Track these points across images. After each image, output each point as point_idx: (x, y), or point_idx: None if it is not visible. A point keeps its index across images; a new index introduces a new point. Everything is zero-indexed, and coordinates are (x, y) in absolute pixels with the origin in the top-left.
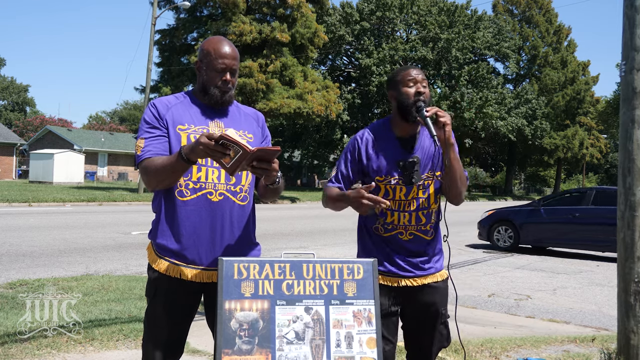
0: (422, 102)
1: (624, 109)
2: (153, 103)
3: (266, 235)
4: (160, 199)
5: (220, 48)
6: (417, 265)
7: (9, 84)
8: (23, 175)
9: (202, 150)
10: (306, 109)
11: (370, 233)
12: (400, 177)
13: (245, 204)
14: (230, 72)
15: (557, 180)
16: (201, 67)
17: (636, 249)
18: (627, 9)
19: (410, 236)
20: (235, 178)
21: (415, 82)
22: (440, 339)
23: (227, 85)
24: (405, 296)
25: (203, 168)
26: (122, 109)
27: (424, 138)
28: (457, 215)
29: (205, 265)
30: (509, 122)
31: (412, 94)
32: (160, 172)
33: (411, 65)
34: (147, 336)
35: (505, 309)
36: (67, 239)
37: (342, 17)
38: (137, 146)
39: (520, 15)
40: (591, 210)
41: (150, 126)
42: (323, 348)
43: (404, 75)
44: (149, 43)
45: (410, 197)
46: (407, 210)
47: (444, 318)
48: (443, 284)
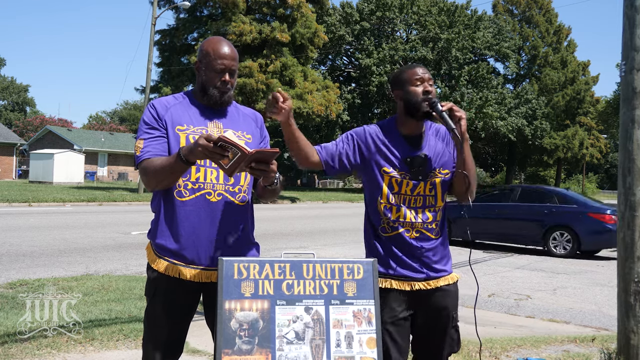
0: (435, 99)
1: (624, 109)
2: (152, 104)
3: (266, 235)
4: (159, 199)
5: (220, 49)
6: (429, 266)
7: (9, 84)
8: (23, 175)
9: (201, 152)
10: (306, 109)
11: (377, 234)
12: (408, 172)
13: (244, 205)
14: (229, 72)
15: (557, 180)
16: (200, 68)
17: (636, 249)
18: (627, 9)
19: (417, 234)
20: (233, 179)
21: (422, 81)
22: (451, 344)
23: (226, 85)
24: (418, 300)
25: (202, 169)
26: (122, 109)
27: (430, 137)
28: None
29: (204, 265)
30: (509, 122)
31: (419, 93)
32: (160, 173)
33: (416, 64)
34: (147, 336)
35: (505, 309)
36: (67, 239)
37: (342, 17)
38: (137, 147)
39: (520, 15)
40: (515, 207)
41: (150, 127)
42: (323, 348)
43: (410, 74)
44: (149, 43)
45: (416, 192)
46: (414, 207)
47: (454, 322)
48: (454, 287)
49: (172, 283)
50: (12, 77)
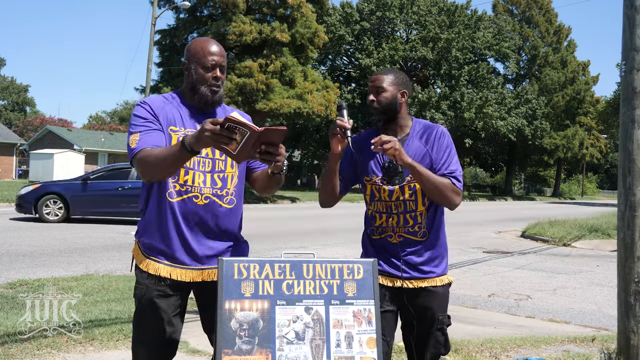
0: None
1: (624, 109)
2: (144, 101)
3: (266, 235)
4: (147, 199)
5: (208, 46)
6: (415, 267)
7: (9, 84)
8: (23, 175)
9: (209, 137)
10: (306, 109)
11: (369, 236)
12: (385, 177)
13: (232, 207)
14: (220, 68)
15: (557, 180)
16: (189, 67)
17: (636, 249)
18: (627, 9)
19: (399, 238)
20: (221, 182)
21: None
22: (436, 346)
23: (218, 81)
24: (401, 298)
25: (190, 171)
26: (122, 109)
27: (414, 140)
28: (469, 216)
29: (192, 265)
30: (509, 122)
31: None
32: (160, 163)
33: (378, 71)
34: (137, 337)
35: (505, 309)
36: (67, 239)
37: (342, 17)
38: (132, 140)
39: (520, 15)
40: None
41: (146, 120)
42: (323, 348)
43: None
44: (149, 43)
45: (394, 198)
46: (395, 212)
47: (440, 324)
48: (443, 289)
49: (160, 283)
50: (12, 77)
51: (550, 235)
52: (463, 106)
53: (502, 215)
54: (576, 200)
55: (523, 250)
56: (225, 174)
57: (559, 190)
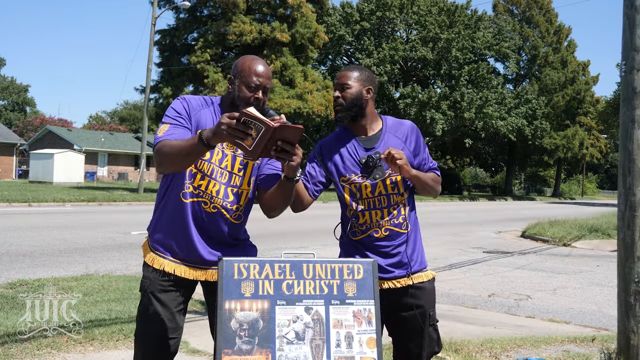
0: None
1: (624, 109)
2: (185, 97)
3: (266, 235)
4: (163, 195)
5: (255, 66)
6: (398, 264)
7: (9, 84)
8: (23, 175)
9: (225, 131)
10: (306, 109)
11: (349, 238)
12: (364, 173)
13: (238, 223)
14: (263, 90)
15: (557, 180)
16: (234, 82)
17: (636, 249)
18: (627, 9)
19: (386, 232)
20: (233, 196)
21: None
22: (431, 344)
23: (259, 103)
24: (389, 299)
25: (206, 178)
26: (122, 109)
27: (390, 137)
28: (469, 216)
29: (197, 263)
30: (509, 122)
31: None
32: (176, 153)
33: (344, 68)
34: (139, 331)
35: (505, 309)
36: (67, 239)
37: (342, 17)
38: (160, 129)
39: (521, 15)
40: None
41: (179, 115)
42: (323, 348)
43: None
44: (149, 43)
45: (376, 193)
46: (379, 207)
47: (432, 321)
48: (429, 284)
49: (164, 278)
50: (12, 77)
51: (551, 235)
52: (463, 106)
53: (502, 215)
54: (576, 200)
55: (523, 250)
56: (240, 190)
57: (559, 190)
